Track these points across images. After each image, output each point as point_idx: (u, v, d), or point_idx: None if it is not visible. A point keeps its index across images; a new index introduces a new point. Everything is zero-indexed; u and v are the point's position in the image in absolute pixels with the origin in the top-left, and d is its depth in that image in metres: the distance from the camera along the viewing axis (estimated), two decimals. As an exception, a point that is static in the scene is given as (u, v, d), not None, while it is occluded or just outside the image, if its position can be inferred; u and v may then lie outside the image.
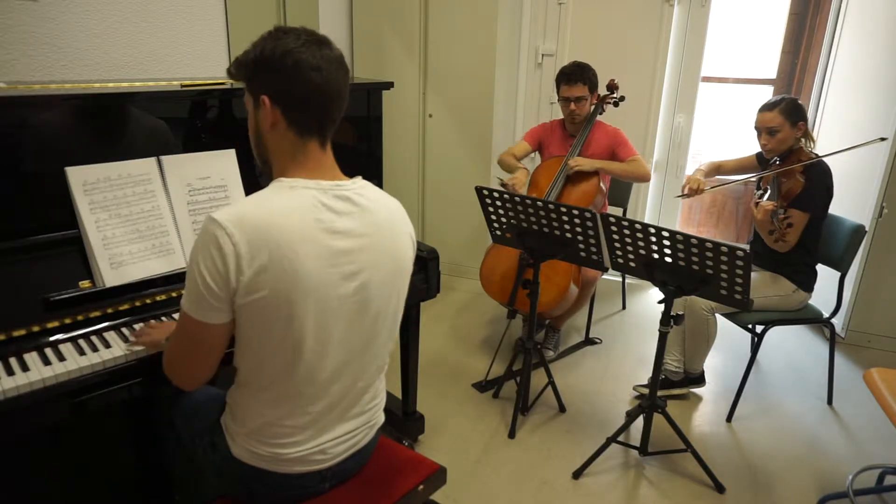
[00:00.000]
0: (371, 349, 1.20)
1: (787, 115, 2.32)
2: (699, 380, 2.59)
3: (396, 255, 1.19)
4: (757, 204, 2.48)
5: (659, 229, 1.81)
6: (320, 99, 1.08)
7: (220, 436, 1.22)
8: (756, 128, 2.41)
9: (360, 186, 1.16)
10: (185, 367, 1.14)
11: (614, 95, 2.79)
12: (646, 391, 2.54)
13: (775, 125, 2.32)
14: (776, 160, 2.37)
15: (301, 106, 1.08)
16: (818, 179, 2.29)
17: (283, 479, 1.19)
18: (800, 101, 2.36)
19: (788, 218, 2.17)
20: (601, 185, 2.71)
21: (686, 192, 2.52)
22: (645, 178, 2.76)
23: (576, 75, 2.65)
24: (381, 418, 1.35)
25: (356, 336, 1.15)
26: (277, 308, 1.04)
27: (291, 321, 1.05)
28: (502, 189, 2.21)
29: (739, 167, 2.66)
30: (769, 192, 2.30)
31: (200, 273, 1.01)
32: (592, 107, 2.77)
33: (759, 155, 2.59)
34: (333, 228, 1.08)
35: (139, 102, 1.63)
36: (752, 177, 2.54)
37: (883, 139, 2.42)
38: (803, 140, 2.38)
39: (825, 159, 2.33)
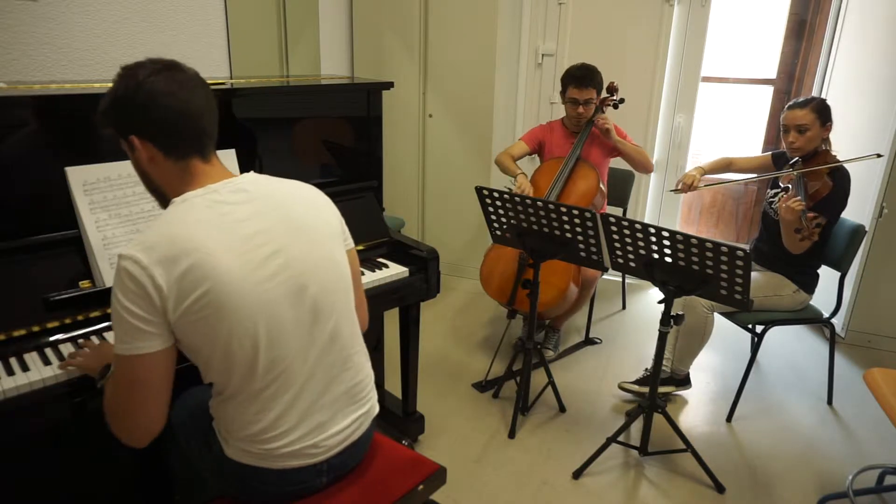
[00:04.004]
0: (326, 324, 1.18)
1: (819, 114, 2.28)
2: (684, 381, 2.57)
3: (310, 224, 1.18)
4: (771, 202, 2.46)
5: (659, 229, 1.81)
6: (184, 122, 1.09)
7: (214, 438, 1.22)
8: (783, 125, 2.35)
9: (251, 178, 1.17)
10: (133, 414, 1.08)
11: (614, 98, 2.80)
12: (632, 388, 2.55)
13: (806, 122, 2.28)
14: (797, 160, 2.34)
15: (168, 134, 1.09)
16: (841, 186, 2.26)
17: (279, 475, 1.18)
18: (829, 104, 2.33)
19: (816, 218, 2.12)
20: (601, 185, 2.71)
21: (680, 186, 2.54)
22: (649, 168, 2.83)
23: (587, 79, 2.67)
24: (375, 408, 1.34)
25: (304, 314, 1.14)
26: (214, 308, 1.03)
27: (233, 315, 1.05)
28: (502, 189, 2.21)
29: (752, 166, 2.63)
30: (791, 191, 2.24)
31: (124, 306, 1.01)
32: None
33: (774, 155, 2.56)
34: (237, 218, 1.09)
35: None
36: (771, 175, 2.49)
37: (879, 155, 2.39)
38: (826, 144, 2.34)
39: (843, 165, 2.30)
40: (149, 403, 1.07)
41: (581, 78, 2.68)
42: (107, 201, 1.51)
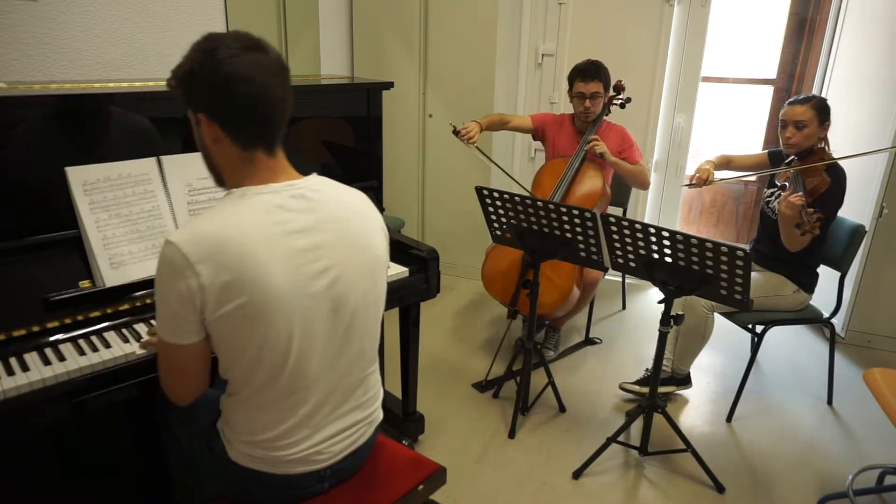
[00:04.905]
0: (354, 344, 1.18)
1: (818, 111, 2.28)
2: (685, 381, 2.57)
3: (366, 245, 1.17)
4: (768, 201, 2.46)
5: (659, 229, 1.81)
6: (258, 110, 1.05)
7: (217, 439, 1.22)
8: (782, 120, 2.35)
9: (314, 183, 1.14)
10: (173, 386, 1.16)
11: (620, 97, 2.78)
12: (633, 388, 2.55)
13: (805, 119, 2.28)
14: (794, 158, 2.33)
15: (239, 121, 1.06)
16: (838, 183, 2.26)
17: (281, 480, 1.18)
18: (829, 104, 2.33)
19: (817, 213, 2.11)
20: (607, 188, 2.70)
21: (694, 181, 2.51)
22: (644, 186, 2.84)
23: (592, 72, 2.66)
24: (379, 416, 1.34)
25: (337, 333, 1.14)
26: (253, 317, 1.03)
27: (270, 327, 1.04)
28: (502, 190, 2.21)
29: (750, 164, 2.62)
30: (789, 188, 2.24)
31: (165, 297, 1.02)
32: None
33: (771, 154, 2.55)
34: (292, 228, 1.07)
35: (139, 102, 1.62)
36: (768, 172, 2.49)
37: None
38: (824, 142, 2.34)
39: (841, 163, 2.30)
40: (187, 377, 1.13)
41: (586, 71, 2.67)
42: (107, 201, 1.51)
